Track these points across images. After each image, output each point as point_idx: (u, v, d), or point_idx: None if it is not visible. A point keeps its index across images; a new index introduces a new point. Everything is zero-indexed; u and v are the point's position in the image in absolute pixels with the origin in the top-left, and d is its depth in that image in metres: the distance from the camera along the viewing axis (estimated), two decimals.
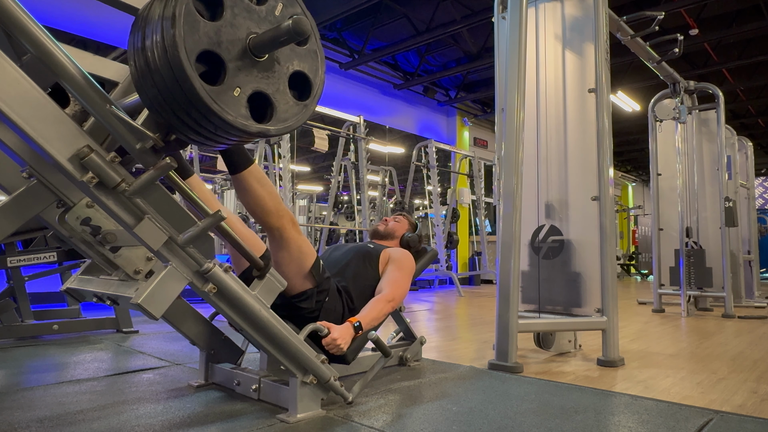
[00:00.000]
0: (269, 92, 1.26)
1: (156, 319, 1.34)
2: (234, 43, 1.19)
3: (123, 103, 1.39)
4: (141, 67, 1.16)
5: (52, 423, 1.52)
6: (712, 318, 4.45)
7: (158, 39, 1.10)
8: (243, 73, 1.20)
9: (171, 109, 1.17)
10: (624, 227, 13.95)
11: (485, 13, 6.18)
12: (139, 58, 1.16)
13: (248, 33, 1.21)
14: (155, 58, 1.12)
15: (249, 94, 1.21)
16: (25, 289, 3.09)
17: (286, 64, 1.30)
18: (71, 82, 1.17)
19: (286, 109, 1.29)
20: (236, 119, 1.18)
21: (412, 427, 1.52)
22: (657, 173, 5.15)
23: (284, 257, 1.78)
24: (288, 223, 1.75)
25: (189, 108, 1.15)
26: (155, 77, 1.14)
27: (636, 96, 9.06)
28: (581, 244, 2.64)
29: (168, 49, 1.09)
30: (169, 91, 1.14)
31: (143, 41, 1.14)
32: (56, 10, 5.04)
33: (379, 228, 2.48)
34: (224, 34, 1.17)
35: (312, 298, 1.83)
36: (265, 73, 1.25)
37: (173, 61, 1.09)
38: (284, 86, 1.29)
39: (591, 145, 2.60)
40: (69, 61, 1.17)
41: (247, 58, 1.21)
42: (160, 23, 1.10)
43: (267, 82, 1.25)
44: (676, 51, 3.99)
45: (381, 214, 8.42)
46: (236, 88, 1.19)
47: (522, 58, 2.49)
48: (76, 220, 1.49)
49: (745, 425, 1.57)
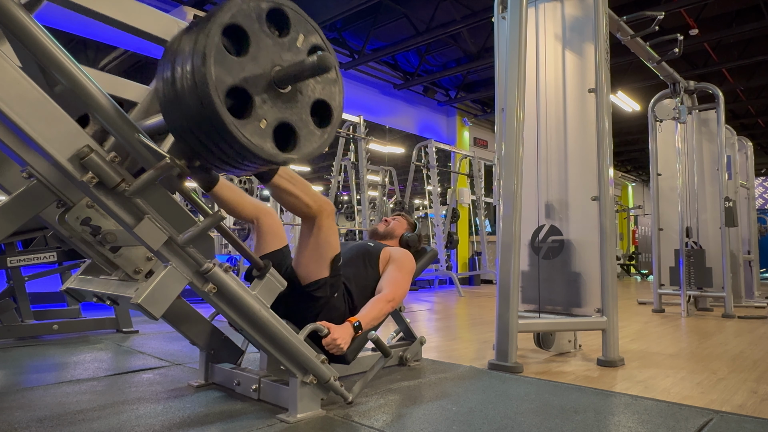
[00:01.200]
0: (293, 122, 1.30)
1: (156, 319, 1.34)
2: (260, 77, 1.23)
3: (145, 125, 1.43)
4: (170, 97, 1.20)
5: (52, 423, 1.52)
6: (712, 318, 4.45)
7: (188, 75, 1.14)
8: (268, 104, 1.25)
9: (198, 139, 1.21)
10: (624, 227, 13.95)
11: (485, 13, 6.18)
12: (168, 88, 1.20)
13: (273, 65, 1.25)
14: (185, 91, 1.16)
15: (275, 125, 1.26)
16: (25, 289, 3.09)
17: (308, 93, 1.34)
18: (102, 114, 1.22)
19: (309, 137, 1.34)
20: (263, 150, 1.23)
21: (412, 427, 1.52)
22: (657, 173, 5.15)
23: (312, 243, 1.85)
24: (324, 212, 1.84)
25: (218, 140, 1.19)
26: (184, 108, 1.18)
27: (636, 96, 9.06)
28: (581, 244, 2.64)
29: (198, 86, 1.13)
30: (198, 124, 1.18)
31: (173, 74, 1.18)
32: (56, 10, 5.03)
33: (378, 228, 2.48)
34: (250, 69, 1.22)
35: (325, 287, 1.88)
36: (289, 103, 1.29)
37: (203, 97, 1.13)
38: (306, 115, 1.33)
39: (591, 145, 2.60)
40: (100, 93, 1.22)
41: (272, 90, 1.25)
42: (190, 59, 1.14)
43: (291, 112, 1.29)
44: (676, 51, 3.99)
45: (381, 214, 8.43)
46: (263, 119, 1.23)
47: (522, 58, 2.49)
48: (76, 220, 1.50)
49: (745, 425, 1.57)
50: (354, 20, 6.87)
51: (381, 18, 6.81)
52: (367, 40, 7.16)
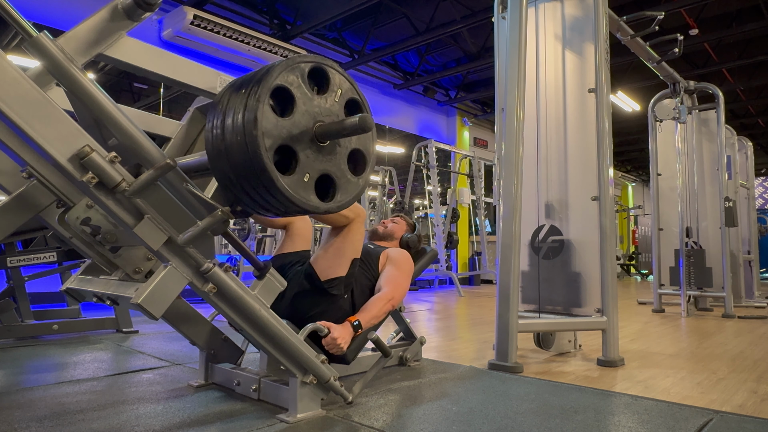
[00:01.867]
0: (333, 173, 1.39)
1: (156, 319, 1.34)
2: (303, 134, 1.31)
3: (183, 163, 1.51)
4: (219, 150, 1.28)
5: (52, 423, 1.52)
6: (712, 318, 4.45)
7: (239, 135, 1.23)
8: (311, 159, 1.33)
9: (244, 190, 1.29)
10: (624, 228, 13.94)
11: (485, 13, 6.18)
12: (217, 142, 1.28)
13: (315, 122, 1.34)
14: (234, 147, 1.24)
15: (316, 178, 1.34)
16: (25, 289, 3.09)
17: (346, 144, 1.42)
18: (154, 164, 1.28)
19: (346, 185, 1.43)
20: (308, 203, 1.32)
21: (412, 427, 1.52)
22: (657, 173, 5.14)
23: (338, 241, 1.93)
24: (360, 218, 1.94)
25: (264, 194, 1.28)
26: (232, 162, 1.26)
27: (636, 96, 9.06)
28: (581, 244, 2.64)
29: (249, 145, 1.21)
30: (246, 178, 1.26)
31: (223, 129, 1.27)
32: (56, 10, 5.04)
33: (378, 229, 2.49)
34: (295, 128, 1.30)
35: (340, 286, 1.92)
36: (329, 156, 1.38)
37: (254, 156, 1.22)
38: (344, 164, 1.42)
39: (591, 145, 2.60)
40: (152, 146, 1.30)
41: (314, 145, 1.34)
42: (241, 119, 1.22)
43: (330, 164, 1.38)
44: (676, 51, 3.99)
45: (381, 214, 8.43)
46: (306, 173, 1.31)
47: (522, 58, 2.49)
48: (76, 220, 1.49)
49: (745, 425, 1.57)
50: (354, 20, 6.87)
51: (381, 18, 6.80)
52: (367, 40, 7.16)
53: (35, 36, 1.17)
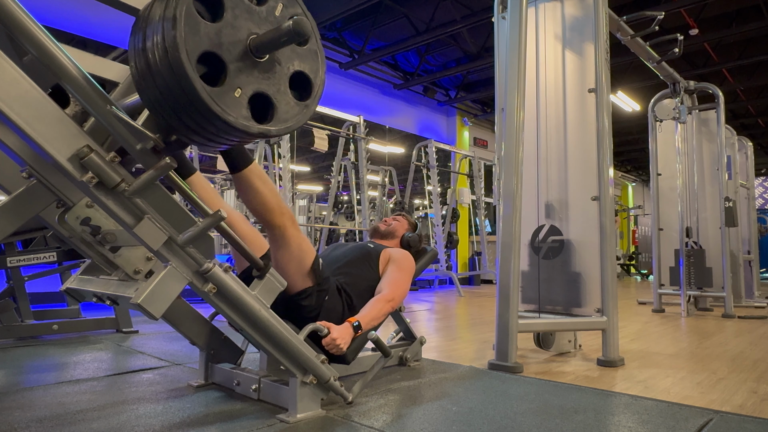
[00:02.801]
0: (270, 93, 1.25)
1: (156, 319, 1.34)
2: (235, 44, 1.19)
3: (123, 104, 1.39)
4: (142, 68, 1.16)
5: (52, 423, 1.52)
6: (712, 318, 4.45)
7: (159, 40, 1.10)
8: (244, 74, 1.20)
9: (172, 110, 1.17)
10: (624, 227, 13.94)
11: (485, 13, 6.18)
12: (139, 59, 1.15)
13: (249, 34, 1.21)
14: (156, 59, 1.11)
15: (250, 95, 1.21)
16: (24, 289, 3.09)
17: (287, 65, 1.29)
18: (72, 83, 1.17)
19: (287, 110, 1.29)
20: (237, 120, 1.18)
21: (412, 427, 1.52)
22: (657, 173, 5.14)
23: (284, 255, 1.77)
24: (288, 220, 1.75)
25: (190, 109, 1.15)
26: (156, 79, 1.13)
27: (636, 96, 9.06)
28: (581, 244, 2.64)
29: (169, 51, 1.09)
30: (170, 93, 1.13)
31: (144, 42, 1.14)
32: (56, 10, 5.04)
33: (379, 227, 2.48)
34: (225, 35, 1.17)
35: (312, 296, 1.83)
36: (266, 73, 1.25)
37: (174, 62, 1.09)
38: (285, 87, 1.29)
39: (591, 145, 2.60)
40: (70, 62, 1.17)
41: (248, 59, 1.21)
42: (161, 24, 1.10)
43: (268, 82, 1.25)
44: (676, 51, 3.99)
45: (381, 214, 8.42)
46: (237, 89, 1.19)
47: (522, 58, 2.49)
48: (76, 220, 1.50)
49: (745, 425, 1.57)
50: (354, 20, 6.87)
51: (381, 18, 6.80)
52: (367, 40, 7.16)
53: None
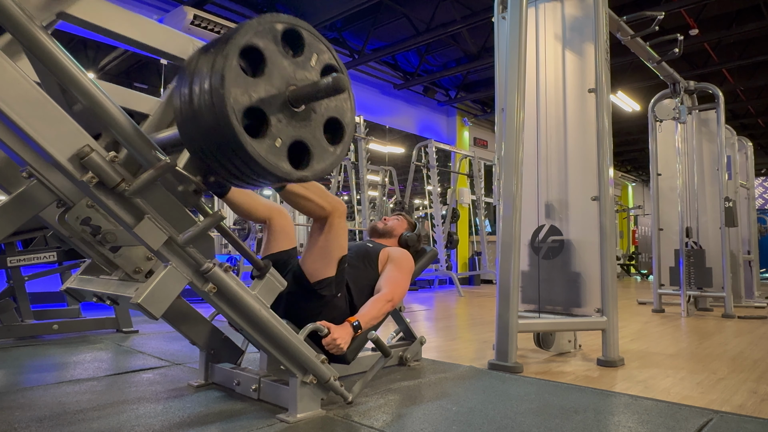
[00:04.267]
0: (307, 140, 1.32)
1: (156, 319, 1.34)
2: (275, 97, 1.25)
3: (158, 138, 1.45)
4: (187, 115, 1.22)
5: (52, 423, 1.52)
6: (712, 318, 4.45)
7: (206, 95, 1.16)
8: (283, 123, 1.27)
9: (215, 157, 1.24)
10: (624, 227, 13.94)
11: (485, 13, 6.18)
12: (185, 107, 1.22)
13: (287, 85, 1.27)
14: (202, 111, 1.18)
15: (289, 144, 1.28)
16: (25, 289, 3.09)
17: (321, 111, 1.36)
18: (121, 132, 1.25)
19: (322, 154, 1.36)
20: (279, 168, 1.25)
21: (412, 427, 1.52)
22: (657, 173, 5.14)
23: (321, 241, 1.88)
24: (339, 212, 1.89)
25: (235, 159, 1.22)
26: (201, 127, 1.20)
27: (636, 96, 9.06)
28: (581, 244, 2.64)
29: (216, 106, 1.15)
30: (216, 143, 1.20)
31: (191, 93, 1.21)
32: None
33: (377, 225, 2.48)
34: (266, 89, 1.24)
35: (331, 286, 1.89)
36: (303, 122, 1.31)
37: (221, 117, 1.15)
38: (320, 133, 1.36)
39: (591, 145, 2.60)
40: (118, 112, 1.24)
41: (287, 109, 1.28)
42: (208, 80, 1.16)
43: (305, 130, 1.32)
44: (676, 51, 3.99)
45: (381, 214, 8.43)
46: (278, 138, 1.25)
47: (522, 58, 2.49)
48: (76, 220, 1.50)
49: (745, 425, 1.57)
50: (354, 20, 6.87)
51: (381, 18, 6.80)
52: (367, 40, 7.16)
53: None
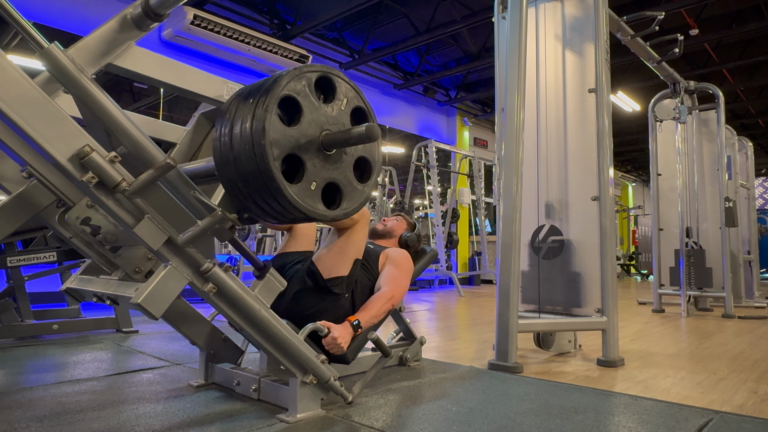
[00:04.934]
0: (339, 181, 1.40)
1: (156, 319, 1.34)
2: (310, 143, 1.33)
3: (188, 169, 1.52)
4: (226, 158, 1.29)
5: (52, 423, 1.52)
6: (712, 318, 4.45)
7: (248, 145, 1.24)
8: (318, 167, 1.34)
9: (252, 198, 1.31)
10: (624, 228, 13.94)
11: (485, 13, 6.18)
12: (225, 151, 1.29)
13: (321, 130, 1.35)
14: (242, 156, 1.26)
15: (323, 186, 1.35)
16: (25, 289, 3.09)
17: (352, 153, 1.44)
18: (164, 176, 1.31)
19: (351, 192, 1.44)
20: (315, 211, 1.33)
21: (412, 427, 1.52)
22: (657, 173, 5.14)
23: (342, 241, 1.94)
24: (364, 218, 1.96)
25: (272, 201, 1.29)
26: (240, 170, 1.27)
27: (636, 96, 9.06)
28: (581, 244, 2.64)
29: (257, 155, 1.23)
30: (254, 187, 1.28)
31: (231, 138, 1.28)
32: (56, 10, 5.04)
33: (377, 227, 2.48)
34: (303, 137, 1.31)
35: (342, 285, 1.92)
36: (335, 164, 1.39)
37: (262, 166, 1.23)
38: (350, 173, 1.44)
39: (591, 145, 2.60)
40: (161, 155, 1.31)
41: (321, 153, 1.35)
42: (249, 130, 1.23)
43: (337, 172, 1.39)
44: (676, 51, 3.99)
45: (381, 214, 8.43)
46: (313, 182, 1.33)
47: (522, 58, 2.49)
48: (76, 220, 1.50)
49: (745, 425, 1.57)
50: (354, 20, 6.87)
51: (381, 18, 6.80)
52: (367, 40, 7.16)
53: (46, 47, 1.19)
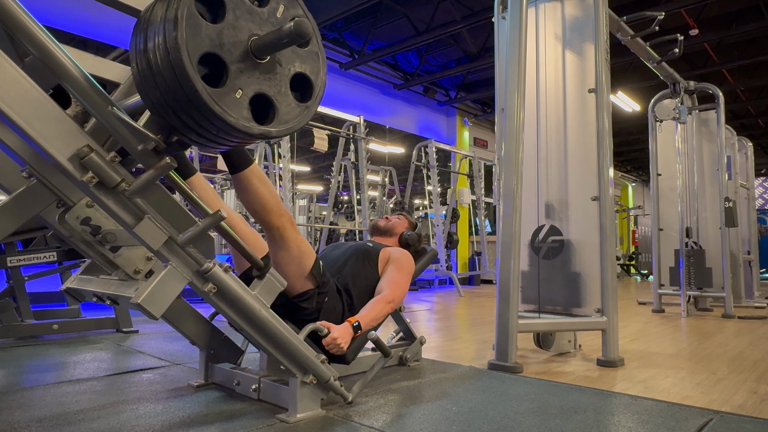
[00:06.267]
0: (271, 94, 1.26)
1: (156, 319, 1.34)
2: (236, 45, 1.19)
3: (124, 105, 1.39)
4: (143, 68, 1.16)
5: (51, 423, 1.52)
6: (712, 318, 4.45)
7: (160, 41, 1.11)
8: (245, 75, 1.21)
9: (173, 111, 1.18)
10: (624, 228, 13.93)
11: (485, 13, 6.18)
12: (141, 59, 1.16)
13: (250, 35, 1.22)
14: (157, 60, 1.12)
15: (251, 96, 1.22)
16: (24, 289, 3.09)
17: (288, 66, 1.30)
18: (73, 84, 1.17)
19: (288, 111, 1.30)
20: (238, 121, 1.19)
21: (412, 427, 1.52)
22: (657, 173, 5.14)
23: (284, 257, 1.76)
24: (287, 222, 1.74)
25: (191, 110, 1.15)
26: (157, 79, 1.14)
27: (636, 96, 9.06)
28: (581, 244, 2.64)
29: (170, 52, 1.09)
30: (171, 94, 1.14)
31: (145, 43, 1.15)
32: (56, 10, 5.04)
33: (379, 223, 2.47)
34: (226, 36, 1.18)
35: (313, 298, 1.83)
36: (267, 75, 1.25)
37: (175, 63, 1.10)
38: (286, 88, 1.30)
39: (591, 145, 2.60)
40: (71, 63, 1.17)
41: (249, 60, 1.22)
42: (162, 25, 1.10)
43: (269, 83, 1.26)
44: (676, 51, 3.99)
45: (381, 214, 8.42)
46: (238, 90, 1.19)
47: (522, 58, 2.49)
48: (76, 220, 1.50)
49: (745, 425, 1.57)
50: (354, 20, 6.87)
51: (381, 18, 6.80)
52: (367, 40, 7.16)
53: None
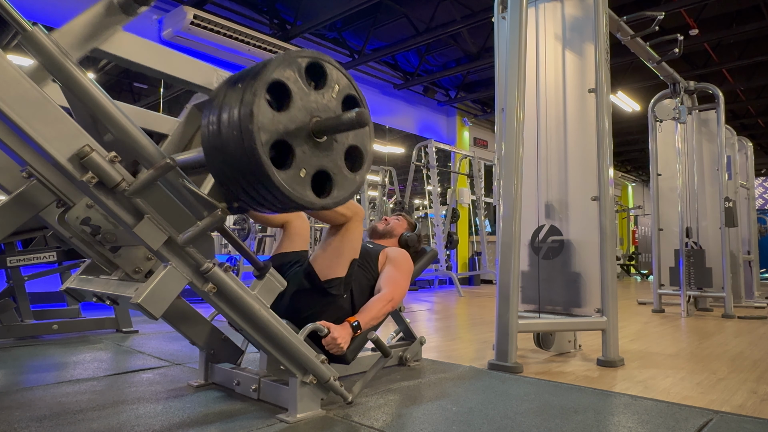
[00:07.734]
0: (329, 169, 1.37)
1: (156, 319, 1.34)
2: (300, 129, 1.30)
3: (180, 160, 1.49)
4: (215, 145, 1.27)
5: (51, 423, 1.52)
6: (712, 318, 4.45)
7: (235, 130, 1.21)
8: (307, 154, 1.32)
9: (242, 186, 1.29)
10: (624, 228, 13.93)
11: (485, 13, 6.18)
12: (214, 138, 1.27)
13: (311, 117, 1.32)
14: (230, 143, 1.23)
15: (313, 173, 1.33)
16: (24, 289, 3.09)
17: (342, 140, 1.41)
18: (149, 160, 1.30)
19: (342, 181, 1.41)
20: (302, 198, 1.31)
21: (412, 427, 1.52)
22: (657, 173, 5.15)
23: (336, 242, 1.92)
24: (358, 217, 1.94)
25: (260, 189, 1.27)
26: (228, 158, 1.25)
27: (636, 96, 9.06)
28: (581, 244, 2.64)
29: (245, 141, 1.20)
30: (242, 173, 1.26)
31: (219, 125, 1.25)
32: (56, 10, 5.04)
33: (378, 226, 2.48)
34: (292, 122, 1.28)
35: (340, 286, 1.92)
36: (326, 152, 1.36)
37: (249, 151, 1.20)
38: (341, 161, 1.41)
39: (591, 145, 2.60)
40: (149, 142, 1.30)
41: (311, 140, 1.32)
42: (237, 114, 1.21)
43: (327, 160, 1.37)
44: (676, 51, 3.99)
45: (381, 214, 8.43)
46: (302, 169, 1.31)
47: (522, 58, 2.49)
48: (76, 220, 1.50)
49: (745, 425, 1.57)
50: (354, 20, 6.87)
51: (381, 18, 6.80)
52: (367, 40, 7.16)
53: (30, 30, 1.16)
